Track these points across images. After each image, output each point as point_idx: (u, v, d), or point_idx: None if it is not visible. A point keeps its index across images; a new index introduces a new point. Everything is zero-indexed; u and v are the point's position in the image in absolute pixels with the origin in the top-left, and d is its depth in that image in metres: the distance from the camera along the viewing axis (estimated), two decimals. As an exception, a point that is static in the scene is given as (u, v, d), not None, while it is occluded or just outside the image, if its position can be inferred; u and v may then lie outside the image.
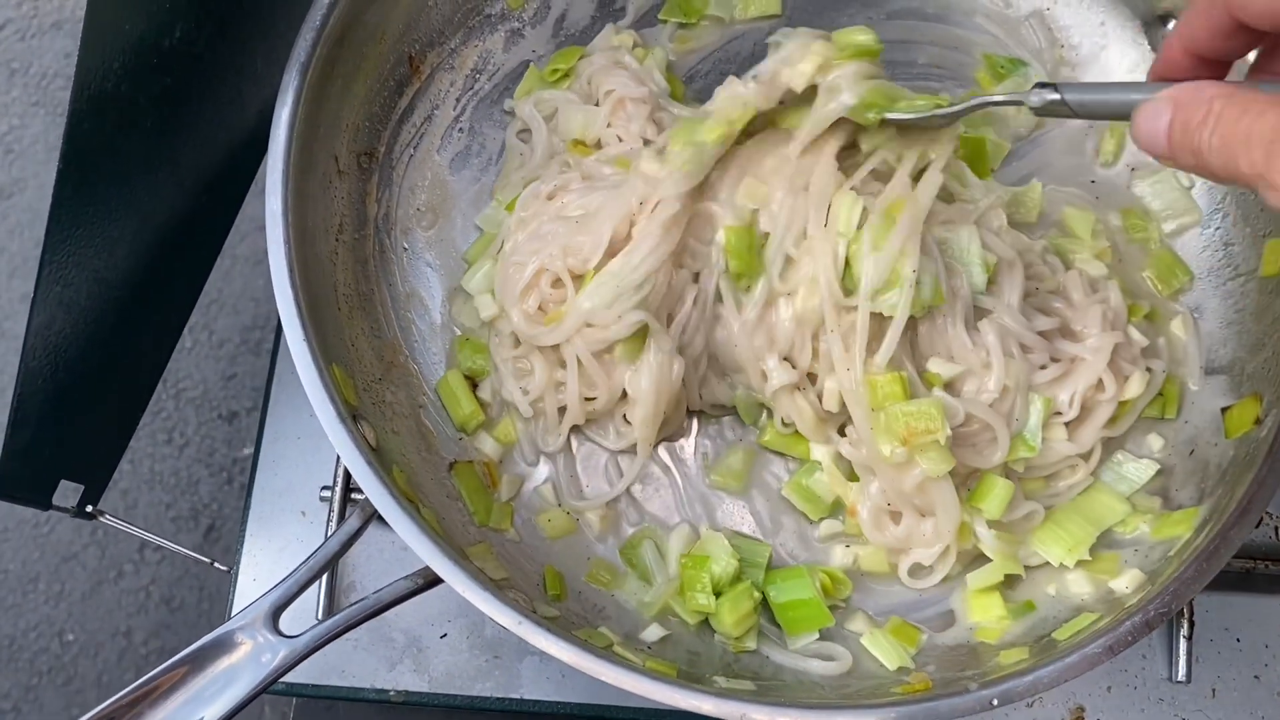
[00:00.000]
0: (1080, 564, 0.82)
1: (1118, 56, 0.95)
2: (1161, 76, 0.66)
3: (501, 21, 0.97)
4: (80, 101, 0.70)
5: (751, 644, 0.82)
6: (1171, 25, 0.92)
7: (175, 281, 0.97)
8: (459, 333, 0.91)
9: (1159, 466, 0.86)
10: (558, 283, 0.85)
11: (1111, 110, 0.68)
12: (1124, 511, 0.84)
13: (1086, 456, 0.85)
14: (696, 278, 0.85)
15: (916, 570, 0.84)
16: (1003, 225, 0.88)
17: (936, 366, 0.82)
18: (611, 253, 0.83)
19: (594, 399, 0.87)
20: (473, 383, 0.90)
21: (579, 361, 0.85)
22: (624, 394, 0.87)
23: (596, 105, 0.93)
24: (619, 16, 0.98)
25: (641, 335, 0.84)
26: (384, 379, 0.86)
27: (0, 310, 2.02)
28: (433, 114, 0.95)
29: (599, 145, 0.92)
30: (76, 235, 0.75)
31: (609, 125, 0.91)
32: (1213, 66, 0.64)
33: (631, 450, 0.89)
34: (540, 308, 0.86)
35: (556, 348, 0.86)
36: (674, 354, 0.85)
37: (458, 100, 0.96)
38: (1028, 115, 0.95)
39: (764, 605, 0.83)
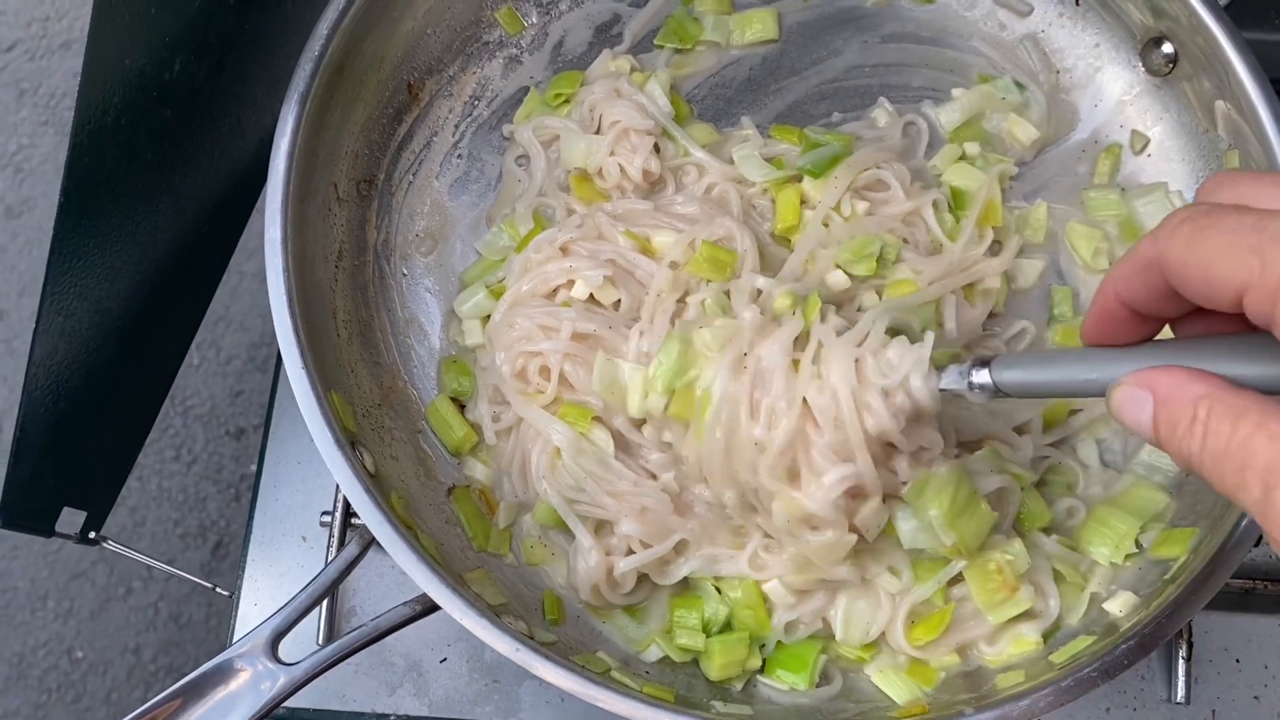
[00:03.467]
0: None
1: (1112, 78, 0.96)
2: (1097, 329, 0.58)
3: (500, 48, 0.98)
4: (80, 136, 0.71)
5: (738, 685, 0.80)
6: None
7: (177, 309, 0.98)
8: (452, 354, 0.91)
9: None
10: (546, 371, 0.82)
11: (1065, 389, 0.61)
12: (1164, 500, 0.82)
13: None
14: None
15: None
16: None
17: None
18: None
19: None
20: (460, 405, 0.89)
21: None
22: None
23: (598, 133, 0.93)
24: (616, 42, 0.99)
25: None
26: (383, 404, 0.87)
27: (10, 328, 2.03)
28: (432, 140, 0.96)
29: (600, 174, 0.92)
30: (78, 267, 0.76)
31: (612, 154, 0.91)
32: (1149, 323, 0.57)
33: None
34: (524, 368, 0.84)
35: None
36: (604, 556, 0.81)
37: (456, 126, 0.97)
38: (1028, 142, 0.95)
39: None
